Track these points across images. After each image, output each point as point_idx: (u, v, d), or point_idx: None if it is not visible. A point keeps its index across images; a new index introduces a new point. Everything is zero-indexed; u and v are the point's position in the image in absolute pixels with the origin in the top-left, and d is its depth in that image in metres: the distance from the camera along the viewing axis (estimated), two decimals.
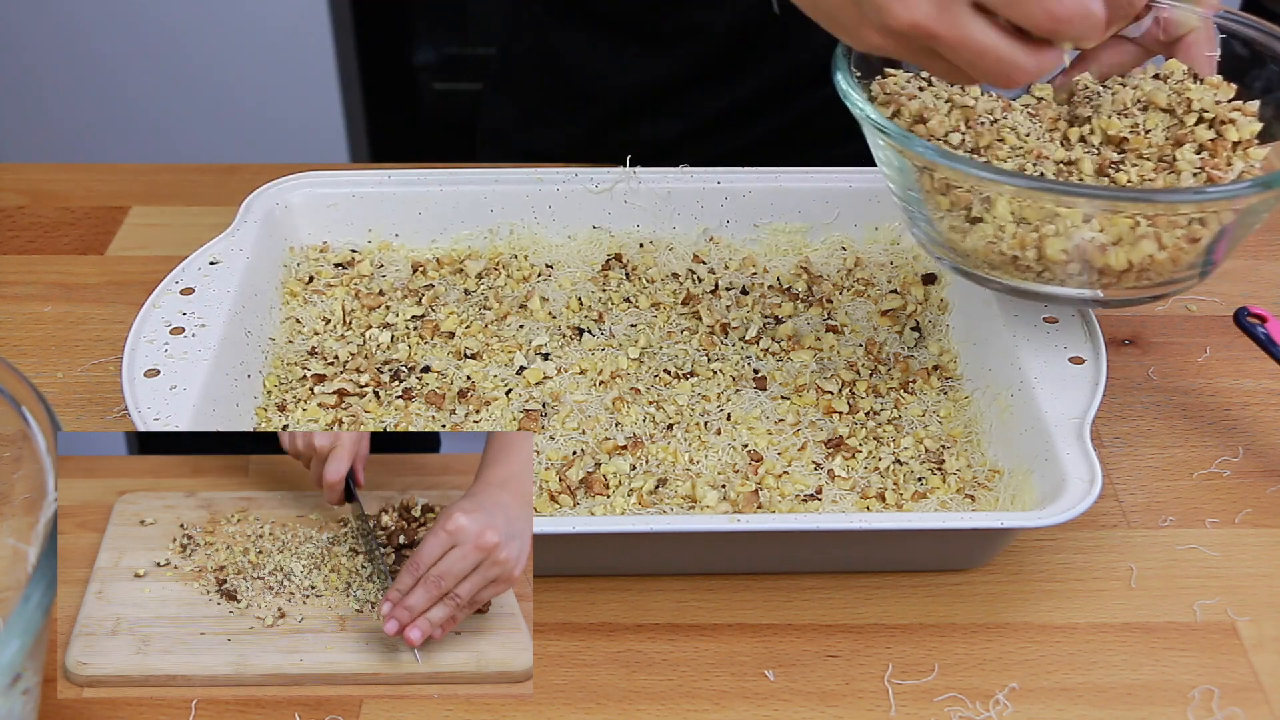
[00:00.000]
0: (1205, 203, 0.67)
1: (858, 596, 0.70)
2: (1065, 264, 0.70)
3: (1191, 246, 0.69)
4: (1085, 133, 0.74)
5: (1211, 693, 0.65)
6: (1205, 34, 0.75)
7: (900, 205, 0.77)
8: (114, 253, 0.97)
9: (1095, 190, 0.70)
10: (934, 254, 0.77)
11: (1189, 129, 0.72)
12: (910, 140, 0.70)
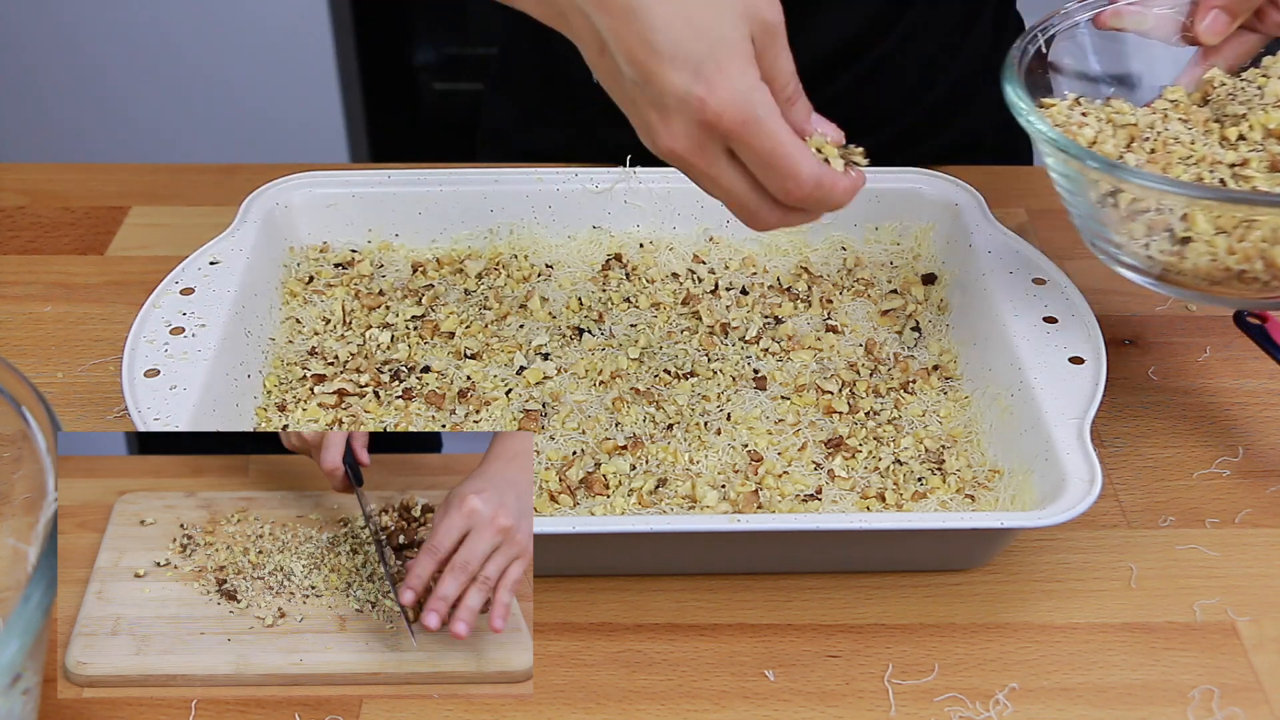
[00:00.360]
0: None
1: (858, 596, 0.70)
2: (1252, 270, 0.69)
3: None
4: (1244, 130, 0.73)
5: (1211, 693, 0.65)
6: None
7: (1085, 232, 0.76)
8: (114, 253, 0.97)
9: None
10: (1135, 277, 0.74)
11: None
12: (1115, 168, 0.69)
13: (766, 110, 0.62)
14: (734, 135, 0.62)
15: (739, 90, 0.62)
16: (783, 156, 0.63)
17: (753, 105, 0.62)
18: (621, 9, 0.63)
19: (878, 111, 1.06)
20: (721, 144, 0.64)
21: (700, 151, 0.64)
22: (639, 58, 0.63)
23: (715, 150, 0.64)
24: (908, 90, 1.06)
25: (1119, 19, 0.81)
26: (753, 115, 0.62)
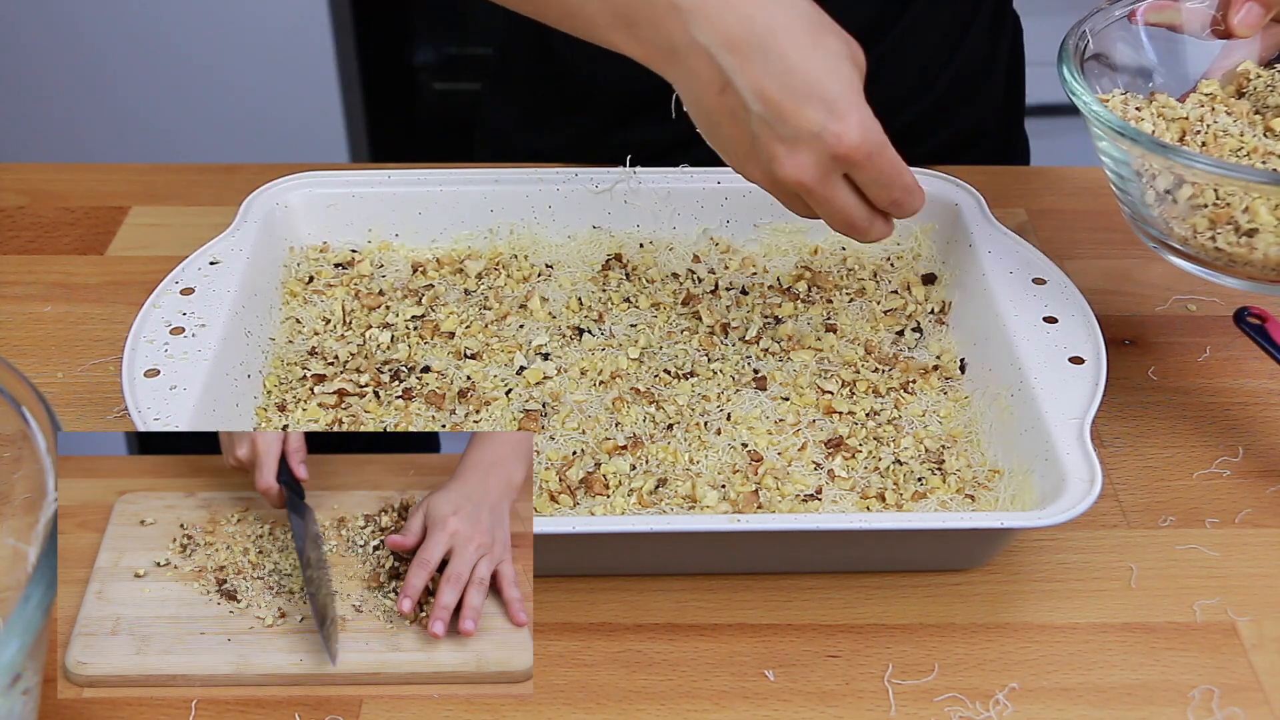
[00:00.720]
0: None
1: (858, 596, 0.70)
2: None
3: None
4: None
5: (1211, 692, 0.65)
6: None
7: (1141, 226, 0.76)
8: (114, 253, 0.97)
9: None
10: (1197, 270, 0.75)
11: None
12: (1183, 155, 0.70)
13: (886, 138, 0.70)
14: (861, 163, 0.70)
15: (868, 126, 0.69)
16: (903, 175, 0.71)
17: (880, 136, 0.70)
18: (756, 50, 0.69)
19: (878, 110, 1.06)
20: (841, 170, 0.70)
21: (823, 179, 0.70)
22: (773, 96, 0.68)
23: (836, 177, 0.71)
24: (908, 89, 1.06)
25: (1156, 14, 0.81)
26: (880, 143, 0.70)
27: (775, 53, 0.69)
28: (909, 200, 0.73)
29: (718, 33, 0.69)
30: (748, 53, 0.69)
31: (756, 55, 0.69)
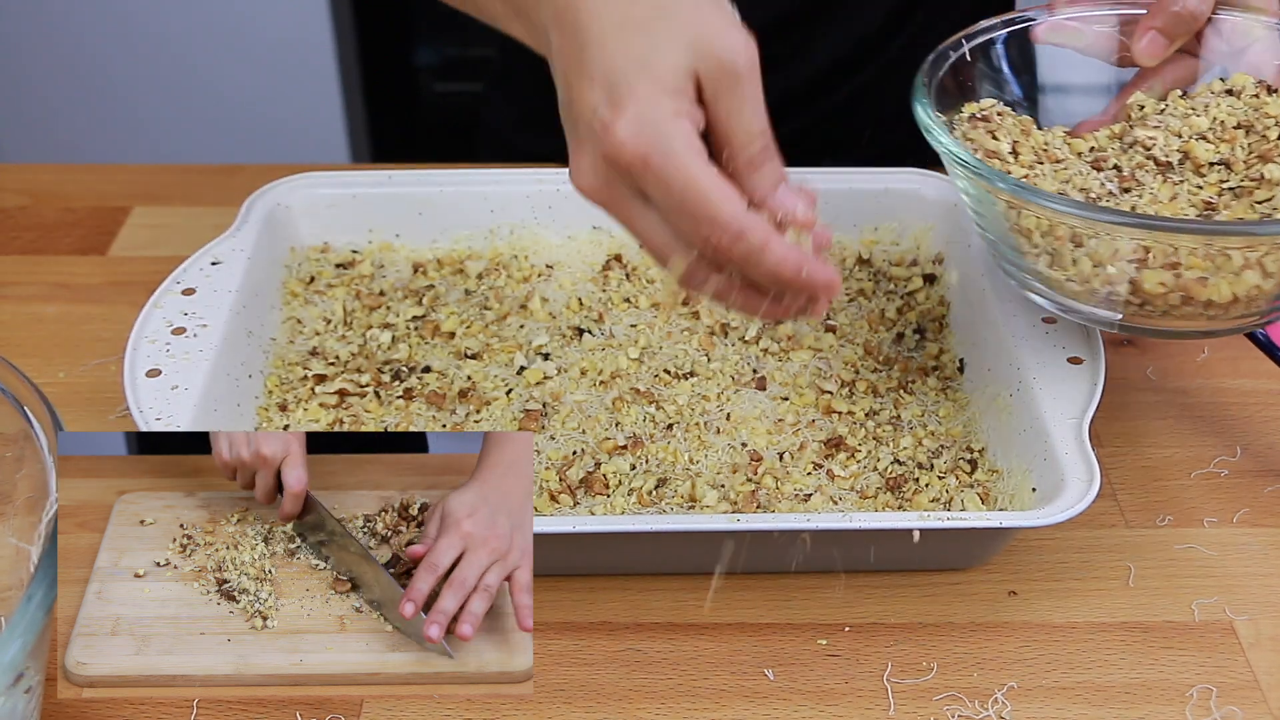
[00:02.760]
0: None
1: (857, 596, 0.70)
2: (1164, 295, 0.68)
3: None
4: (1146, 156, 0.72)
5: (1209, 691, 0.66)
6: (1271, 43, 0.73)
7: (980, 233, 0.75)
8: (116, 253, 0.97)
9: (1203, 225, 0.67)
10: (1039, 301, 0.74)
11: (1274, 144, 0.70)
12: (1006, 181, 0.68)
13: (681, 144, 0.54)
14: (637, 169, 0.55)
15: (645, 118, 0.54)
16: (695, 196, 0.54)
17: (661, 137, 0.54)
18: (571, 26, 0.57)
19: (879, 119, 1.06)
20: (630, 183, 0.56)
21: (608, 190, 0.57)
22: (570, 78, 0.57)
23: (625, 191, 0.57)
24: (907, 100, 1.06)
25: (1056, 34, 0.78)
26: (658, 147, 0.54)
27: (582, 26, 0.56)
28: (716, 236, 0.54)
29: (552, 8, 0.59)
30: (567, 28, 0.58)
31: (572, 30, 0.57)
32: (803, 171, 0.91)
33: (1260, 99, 0.72)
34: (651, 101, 0.54)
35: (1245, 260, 0.65)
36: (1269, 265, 0.66)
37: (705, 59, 0.56)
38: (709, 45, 0.56)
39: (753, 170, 0.58)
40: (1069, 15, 0.78)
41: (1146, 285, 0.67)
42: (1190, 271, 0.66)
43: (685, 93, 0.56)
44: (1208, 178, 0.70)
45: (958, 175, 0.72)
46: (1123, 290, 0.68)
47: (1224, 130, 0.71)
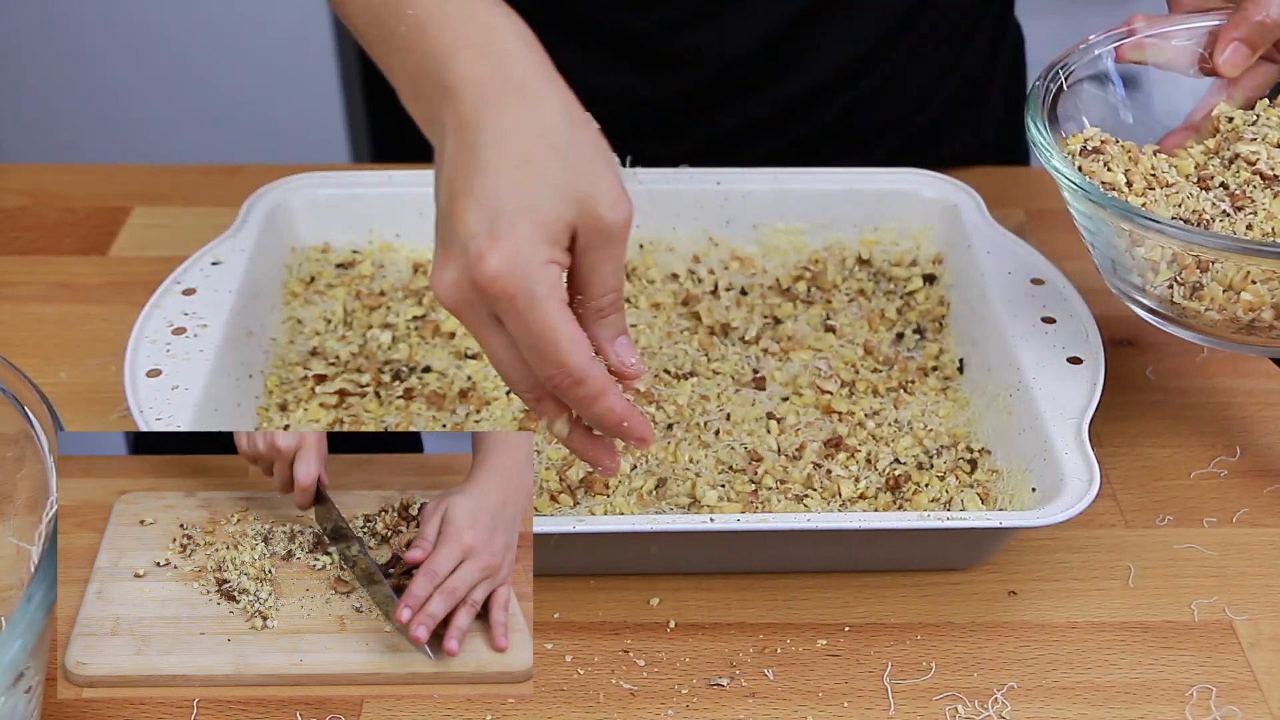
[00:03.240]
0: None
1: (857, 596, 0.71)
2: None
3: None
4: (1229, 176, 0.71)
5: (1209, 691, 0.66)
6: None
7: (1105, 271, 0.74)
8: (116, 253, 0.97)
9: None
10: (1158, 323, 0.72)
11: None
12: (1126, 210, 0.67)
13: (546, 289, 0.58)
14: (502, 303, 0.58)
15: (520, 257, 0.57)
16: (550, 341, 0.58)
17: (530, 279, 0.57)
18: (471, 142, 0.59)
19: (881, 126, 1.06)
20: (488, 308, 0.59)
21: (467, 308, 0.59)
22: (456, 190, 0.59)
23: (482, 313, 0.60)
24: (910, 104, 1.06)
25: (1139, 51, 0.78)
26: (526, 289, 0.57)
27: (481, 148, 0.59)
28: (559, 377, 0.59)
29: (456, 116, 0.60)
30: (464, 143, 0.59)
31: (467, 147, 0.59)
32: (802, 171, 0.92)
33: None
34: (529, 244, 0.57)
35: None
36: None
37: (586, 217, 0.59)
38: (593, 205, 0.59)
39: (600, 318, 0.63)
40: (1149, 33, 0.78)
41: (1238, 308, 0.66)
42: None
43: (560, 242, 0.59)
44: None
45: (1079, 206, 0.71)
46: (1268, 316, 0.67)
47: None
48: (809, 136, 1.06)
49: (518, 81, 0.61)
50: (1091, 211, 0.70)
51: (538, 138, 0.59)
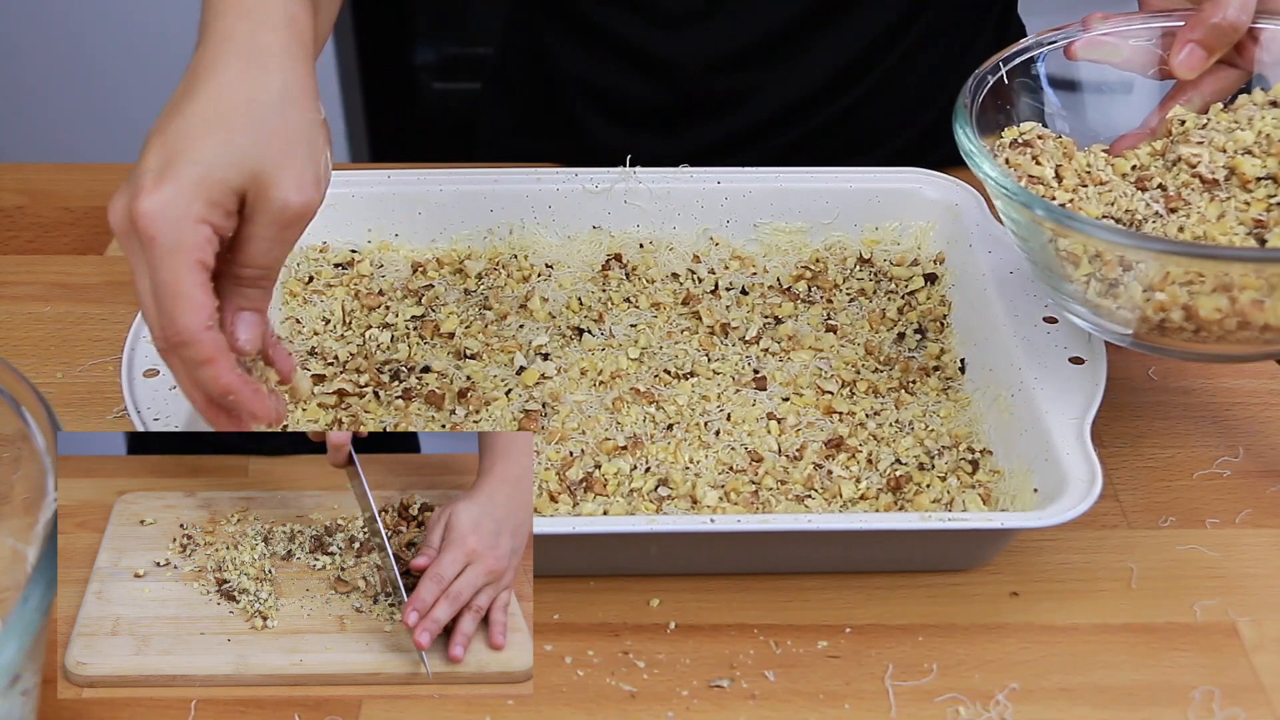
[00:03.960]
0: None
1: (858, 596, 0.70)
2: (1221, 322, 0.66)
3: None
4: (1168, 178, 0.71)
5: (1212, 693, 0.65)
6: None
7: (1038, 278, 0.74)
8: (114, 253, 0.97)
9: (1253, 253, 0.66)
10: (1083, 324, 0.72)
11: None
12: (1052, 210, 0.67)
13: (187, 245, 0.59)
14: (144, 244, 0.59)
15: (172, 207, 0.58)
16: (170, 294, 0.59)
17: (174, 230, 0.58)
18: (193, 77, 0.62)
19: (882, 126, 1.06)
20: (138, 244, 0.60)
21: (124, 237, 0.60)
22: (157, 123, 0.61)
23: (135, 246, 0.60)
24: (911, 104, 1.06)
25: (1092, 50, 0.78)
26: (167, 237, 0.58)
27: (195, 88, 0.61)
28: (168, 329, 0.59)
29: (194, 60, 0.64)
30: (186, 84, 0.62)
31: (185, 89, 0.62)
32: (802, 171, 0.91)
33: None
34: (187, 196, 0.59)
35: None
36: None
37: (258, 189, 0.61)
38: (268, 181, 0.61)
39: (238, 285, 0.63)
40: (1104, 31, 0.78)
41: (1202, 312, 0.66)
42: (1245, 294, 0.65)
43: (222, 205, 0.60)
44: (1255, 193, 0.69)
45: (1001, 203, 0.71)
46: (1177, 317, 0.66)
47: (1270, 144, 0.70)
48: (810, 137, 1.05)
49: (256, 51, 0.63)
50: (1014, 212, 0.70)
51: (242, 103, 0.61)
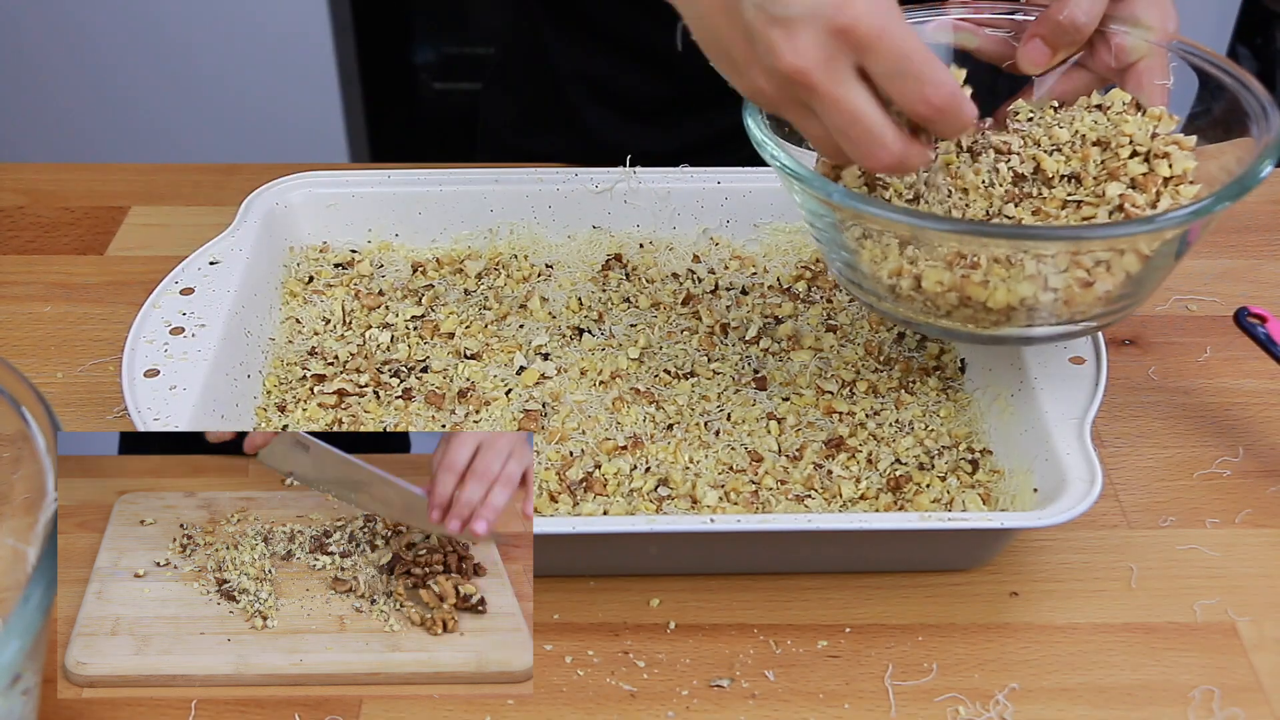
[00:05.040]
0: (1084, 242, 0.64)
1: (858, 596, 0.70)
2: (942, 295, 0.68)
3: (1085, 291, 0.66)
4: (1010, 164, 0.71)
5: (1212, 693, 0.65)
6: (1157, 62, 0.72)
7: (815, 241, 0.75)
8: (114, 253, 0.97)
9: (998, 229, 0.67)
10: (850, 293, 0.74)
11: (1122, 162, 0.69)
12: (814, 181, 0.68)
13: (902, 18, 0.61)
14: (869, 41, 0.60)
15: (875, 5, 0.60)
16: (922, 61, 0.60)
17: (890, 12, 0.60)
18: None
19: None
20: (851, 58, 0.61)
21: (828, 65, 0.61)
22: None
23: (844, 64, 0.61)
24: None
25: (946, 33, 0.77)
26: (890, 21, 0.60)
27: None
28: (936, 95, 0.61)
29: None
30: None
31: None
32: None
33: (1123, 116, 0.71)
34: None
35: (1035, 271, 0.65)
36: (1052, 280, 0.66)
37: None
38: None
39: None
40: (961, 15, 0.77)
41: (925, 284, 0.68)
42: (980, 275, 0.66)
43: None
44: (1055, 190, 0.70)
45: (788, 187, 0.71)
46: (905, 285, 0.69)
47: (1082, 144, 0.71)
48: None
49: None
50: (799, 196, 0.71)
51: None
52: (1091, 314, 0.69)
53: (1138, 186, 0.69)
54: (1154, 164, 0.69)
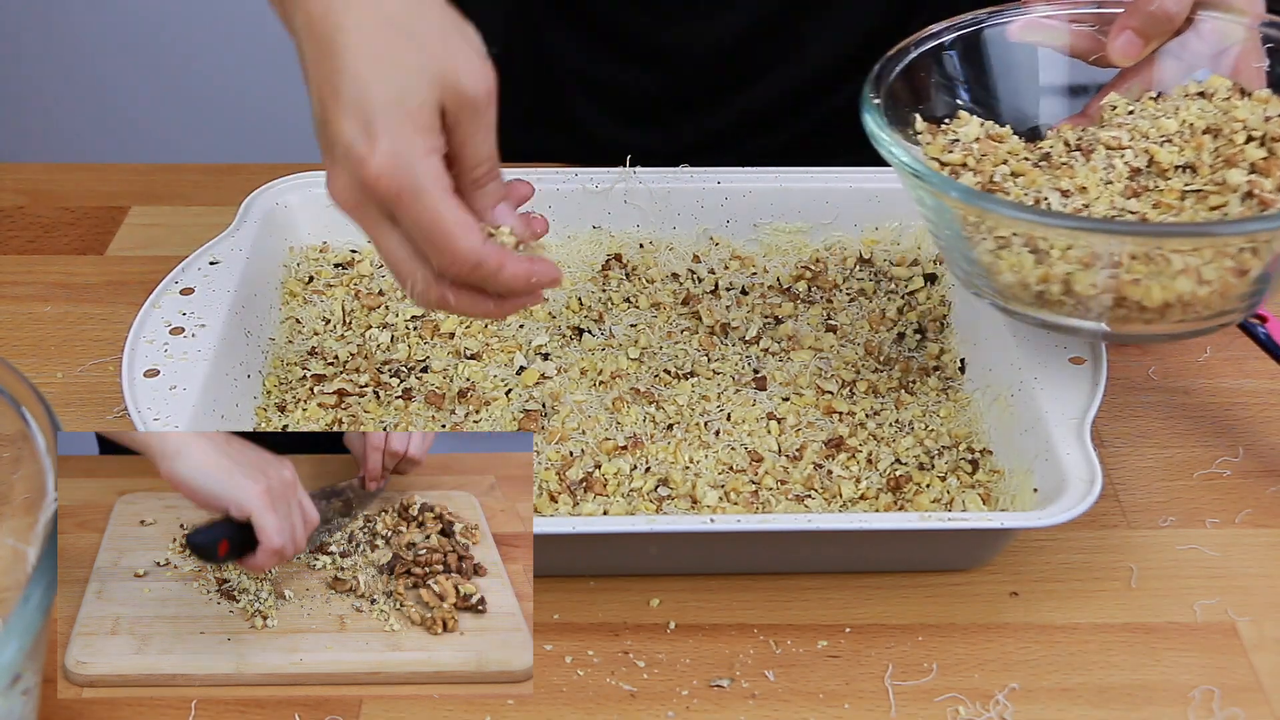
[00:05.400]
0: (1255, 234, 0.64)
1: (858, 596, 0.70)
2: (1095, 298, 0.67)
3: (1239, 280, 0.66)
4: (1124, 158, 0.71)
5: (1212, 693, 0.65)
6: (1251, 45, 0.72)
7: (936, 240, 0.75)
8: (114, 253, 0.97)
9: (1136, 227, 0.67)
10: (974, 291, 0.73)
11: (1239, 148, 0.69)
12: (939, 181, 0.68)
13: (430, 181, 0.60)
14: (390, 201, 0.60)
15: (400, 156, 0.59)
16: (441, 232, 0.60)
17: (412, 174, 0.60)
18: (325, 44, 0.61)
19: None
20: (380, 207, 0.61)
21: (361, 210, 0.62)
22: (325, 98, 0.61)
23: (375, 212, 0.62)
24: None
25: (1032, 32, 0.77)
26: (410, 184, 0.60)
27: (337, 49, 0.61)
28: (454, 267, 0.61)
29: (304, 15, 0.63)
30: (320, 43, 0.61)
31: (326, 49, 0.61)
32: (802, 171, 0.91)
33: (1231, 102, 0.71)
34: (405, 139, 0.60)
35: (1185, 265, 0.65)
36: (1205, 273, 0.65)
37: (450, 91, 0.61)
38: (455, 79, 0.61)
39: (476, 189, 0.65)
40: (1045, 13, 0.77)
41: (1078, 287, 0.67)
42: (1128, 274, 0.66)
43: (434, 127, 0.61)
44: (1172, 182, 0.70)
45: (909, 185, 0.71)
46: (1056, 290, 0.68)
47: (1192, 133, 0.70)
48: (811, 131, 1.05)
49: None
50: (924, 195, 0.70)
51: (385, 24, 0.61)
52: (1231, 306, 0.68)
53: (1259, 171, 0.68)
54: (1271, 147, 0.68)
